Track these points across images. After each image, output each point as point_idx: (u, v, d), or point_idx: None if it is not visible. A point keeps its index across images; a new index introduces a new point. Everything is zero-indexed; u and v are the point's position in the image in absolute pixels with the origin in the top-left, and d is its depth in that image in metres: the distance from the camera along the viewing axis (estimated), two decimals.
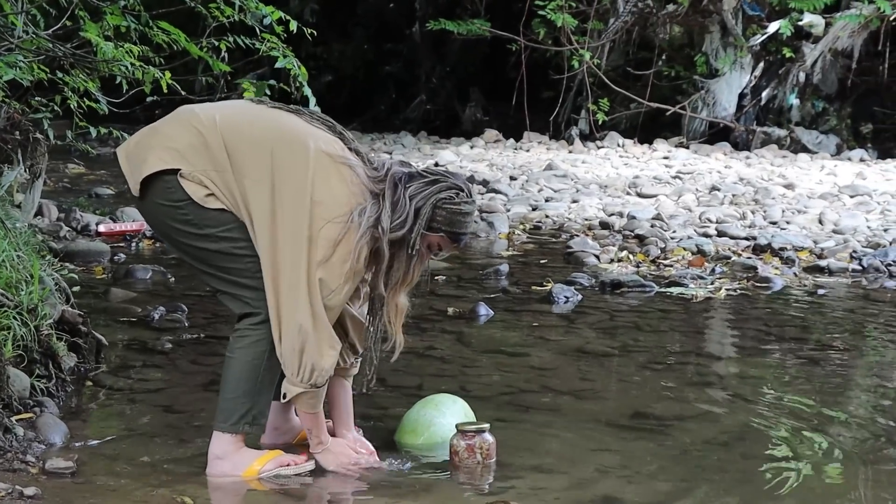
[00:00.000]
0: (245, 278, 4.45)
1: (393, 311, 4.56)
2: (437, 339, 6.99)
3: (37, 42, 7.17)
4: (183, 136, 4.44)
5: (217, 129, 4.42)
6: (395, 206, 4.42)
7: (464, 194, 4.49)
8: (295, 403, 4.55)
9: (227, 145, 4.40)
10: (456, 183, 4.50)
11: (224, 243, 4.43)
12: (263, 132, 4.45)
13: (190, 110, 4.60)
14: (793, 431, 5.34)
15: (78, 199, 12.51)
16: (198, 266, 4.53)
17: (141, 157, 4.46)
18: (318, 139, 4.46)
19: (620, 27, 19.97)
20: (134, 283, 8.41)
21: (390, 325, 4.58)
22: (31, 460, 4.51)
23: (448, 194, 4.46)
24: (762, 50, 19.73)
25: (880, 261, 9.74)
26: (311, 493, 4.44)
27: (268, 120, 4.52)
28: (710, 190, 14.01)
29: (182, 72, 7.73)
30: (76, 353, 5.87)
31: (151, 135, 4.54)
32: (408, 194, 4.43)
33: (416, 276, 4.55)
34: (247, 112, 4.55)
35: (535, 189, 14.34)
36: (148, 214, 4.59)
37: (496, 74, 22.31)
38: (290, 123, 4.52)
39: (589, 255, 9.99)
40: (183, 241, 4.48)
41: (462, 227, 4.51)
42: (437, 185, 4.47)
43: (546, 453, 4.89)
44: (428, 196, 4.44)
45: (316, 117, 4.62)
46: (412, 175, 4.49)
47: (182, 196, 4.39)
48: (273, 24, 7.52)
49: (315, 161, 4.38)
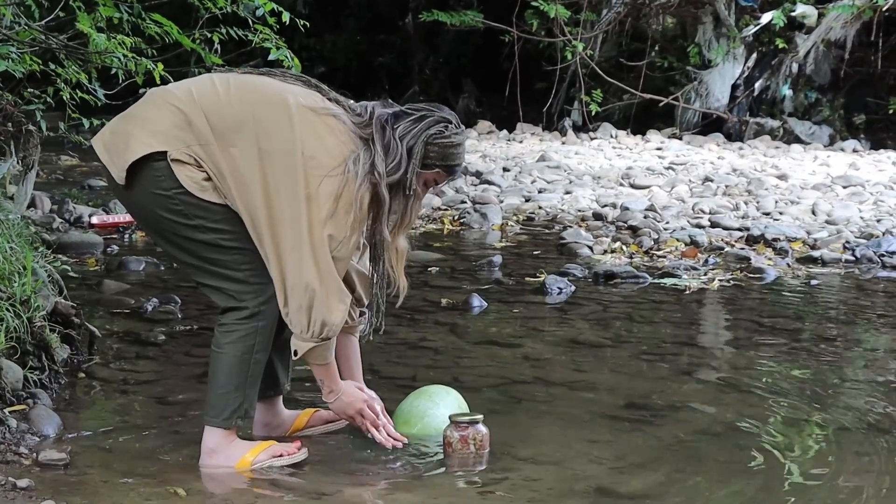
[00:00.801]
0: (231, 270, 4.44)
1: (394, 255, 4.57)
2: (431, 330, 6.99)
3: (30, 33, 7.16)
4: (165, 118, 4.39)
5: (196, 103, 4.38)
6: (387, 148, 4.41)
7: (452, 126, 4.49)
8: (306, 358, 4.55)
9: (209, 117, 4.36)
10: (443, 116, 4.49)
11: (212, 234, 4.41)
12: (241, 98, 4.41)
13: (163, 90, 4.57)
14: (786, 422, 5.35)
15: (71, 190, 12.49)
16: (183, 258, 4.50)
17: (122, 145, 4.39)
18: (297, 95, 4.44)
19: (613, 18, 19.94)
20: (127, 275, 8.40)
21: (392, 269, 4.58)
22: (24, 452, 4.52)
23: (437, 129, 4.45)
24: (755, 41, 19.70)
25: (873, 251, 9.74)
26: (303, 483, 4.44)
27: (243, 86, 4.48)
28: (704, 181, 14.00)
29: (175, 63, 7.73)
30: (69, 345, 5.87)
31: (128, 121, 4.48)
32: (397, 135, 4.42)
33: (416, 217, 4.58)
34: (220, 81, 4.49)
35: (528, 180, 14.33)
36: (133, 204, 4.53)
37: (489, 65, 22.27)
38: (266, 85, 4.50)
39: (582, 246, 9.99)
40: (170, 232, 4.44)
41: (455, 159, 4.51)
42: (425, 122, 4.45)
43: (539, 444, 4.90)
44: (418, 134, 4.43)
45: (289, 75, 4.60)
46: (398, 115, 4.48)
47: (173, 184, 4.35)
48: (265, 15, 7.52)
49: (299, 117, 4.36)
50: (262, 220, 4.35)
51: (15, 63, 7.02)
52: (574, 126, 20.15)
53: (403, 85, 24.26)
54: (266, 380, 4.64)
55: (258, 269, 4.44)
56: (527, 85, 20.10)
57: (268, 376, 4.65)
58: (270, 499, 4.31)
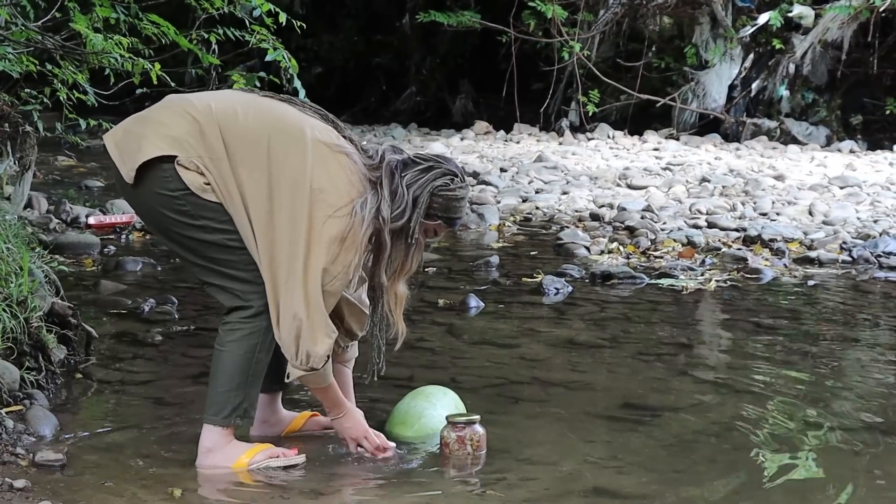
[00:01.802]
0: (237, 270, 4.45)
1: (393, 300, 4.60)
2: (428, 330, 6.99)
3: (26, 34, 7.16)
4: (179, 124, 4.41)
5: (213, 117, 4.41)
6: (394, 195, 4.45)
7: (458, 179, 4.53)
8: (303, 383, 4.58)
9: (224, 134, 4.38)
10: (449, 168, 4.53)
11: (218, 234, 4.42)
12: (259, 121, 4.44)
13: (182, 98, 4.58)
14: (783, 422, 5.35)
15: (68, 191, 12.49)
16: (189, 257, 4.51)
17: (134, 145, 4.41)
18: (315, 129, 4.47)
19: (610, 18, 19.96)
20: (124, 276, 8.40)
21: (391, 313, 4.61)
22: (21, 453, 4.51)
23: (443, 181, 4.49)
24: (752, 41, 19.72)
25: (870, 252, 9.75)
26: (299, 484, 4.44)
27: (262, 109, 4.51)
28: (701, 181, 14.01)
29: (172, 64, 7.73)
30: (66, 346, 5.87)
31: (143, 123, 4.50)
32: (405, 183, 4.46)
33: (416, 264, 4.59)
34: (240, 101, 4.52)
35: (525, 181, 14.34)
36: (140, 204, 4.54)
37: (486, 66, 22.28)
38: (285, 112, 4.52)
39: (579, 246, 9.99)
40: (176, 232, 4.46)
41: (457, 212, 4.56)
42: (432, 173, 4.49)
43: (536, 444, 4.90)
44: (424, 184, 4.47)
45: (308, 106, 4.63)
46: (406, 163, 4.51)
47: (179, 185, 4.37)
48: (262, 15, 7.51)
49: (313, 150, 4.39)
50: (263, 244, 4.37)
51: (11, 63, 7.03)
52: (571, 126, 20.16)
53: (400, 85, 24.28)
54: (270, 374, 4.65)
55: None
56: (524, 85, 20.11)
57: (272, 370, 4.65)
58: (266, 498, 4.31)
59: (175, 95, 4.69)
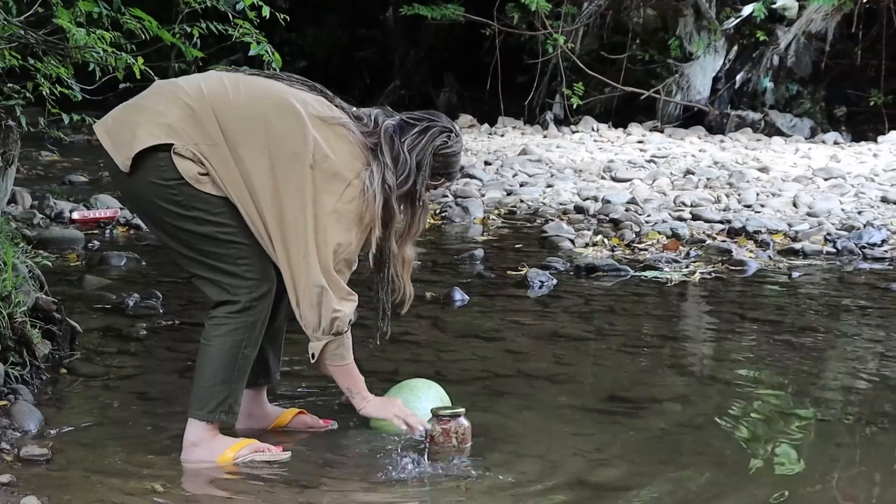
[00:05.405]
0: (226, 264, 4.44)
1: (400, 263, 4.65)
2: (413, 323, 6.98)
3: (9, 29, 7.13)
4: (172, 111, 4.39)
5: (206, 100, 4.39)
6: (396, 161, 4.49)
7: (453, 135, 4.60)
8: (324, 360, 4.56)
9: (218, 117, 4.37)
10: (445, 126, 4.60)
11: (210, 227, 4.41)
12: (251, 99, 4.44)
13: (172, 83, 4.56)
14: (768, 414, 5.37)
15: (51, 186, 12.43)
16: (179, 249, 4.50)
17: (128, 133, 4.39)
18: (307, 103, 4.48)
19: (594, 11, 19.95)
20: (108, 270, 8.38)
21: (398, 277, 4.64)
22: (6, 448, 4.51)
23: (441, 139, 4.57)
24: (736, 33, 19.73)
25: (854, 243, 9.77)
26: (284, 479, 4.43)
27: (253, 87, 4.51)
28: (685, 174, 14.02)
29: (155, 58, 7.69)
30: (50, 341, 5.85)
31: (136, 111, 4.48)
32: (406, 148, 4.51)
33: (423, 226, 4.67)
34: (230, 80, 4.51)
35: (509, 174, 14.33)
36: (132, 193, 4.53)
37: (470, 59, 22.25)
38: (275, 88, 4.52)
39: (564, 239, 9.99)
40: (167, 222, 4.44)
41: (456, 165, 4.68)
42: (430, 133, 4.55)
43: (522, 437, 4.90)
44: (425, 147, 4.53)
45: (295, 79, 4.64)
46: (402, 126, 4.55)
47: (173, 175, 4.36)
48: (246, 9, 7.50)
49: (309, 123, 4.39)
50: (272, 223, 4.38)
51: None
52: (555, 119, 20.15)
53: (384, 79, 24.24)
54: (257, 367, 4.64)
55: (254, 265, 4.45)
56: (508, 78, 20.10)
57: (259, 364, 4.65)
58: (251, 491, 4.31)
59: (164, 81, 4.67)
